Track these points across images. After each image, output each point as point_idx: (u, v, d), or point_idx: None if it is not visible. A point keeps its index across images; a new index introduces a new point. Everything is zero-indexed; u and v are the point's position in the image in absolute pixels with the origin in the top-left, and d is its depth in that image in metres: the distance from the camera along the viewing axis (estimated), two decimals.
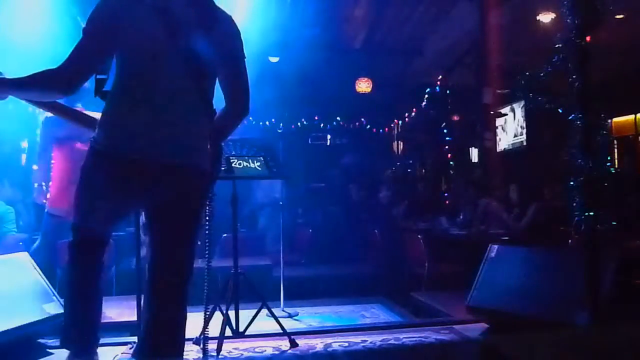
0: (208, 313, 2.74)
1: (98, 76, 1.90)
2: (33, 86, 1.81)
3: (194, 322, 3.14)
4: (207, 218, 2.72)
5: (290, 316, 4.04)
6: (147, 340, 1.83)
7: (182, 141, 1.83)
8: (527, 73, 3.30)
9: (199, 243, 2.06)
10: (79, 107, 3.94)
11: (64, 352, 2.97)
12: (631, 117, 8.61)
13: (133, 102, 1.81)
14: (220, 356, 2.81)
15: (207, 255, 2.73)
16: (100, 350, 2.95)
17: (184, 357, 2.79)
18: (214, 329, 2.99)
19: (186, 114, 1.85)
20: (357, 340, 3.02)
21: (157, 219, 1.88)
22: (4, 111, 6.06)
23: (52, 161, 3.96)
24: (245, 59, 2.00)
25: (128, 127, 1.79)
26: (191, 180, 1.85)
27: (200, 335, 3.05)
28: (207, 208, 2.48)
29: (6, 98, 1.89)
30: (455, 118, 8.93)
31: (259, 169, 3.29)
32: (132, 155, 1.77)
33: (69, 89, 1.80)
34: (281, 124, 9.00)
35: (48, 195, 3.99)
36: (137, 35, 1.80)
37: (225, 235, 5.22)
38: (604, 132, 3.19)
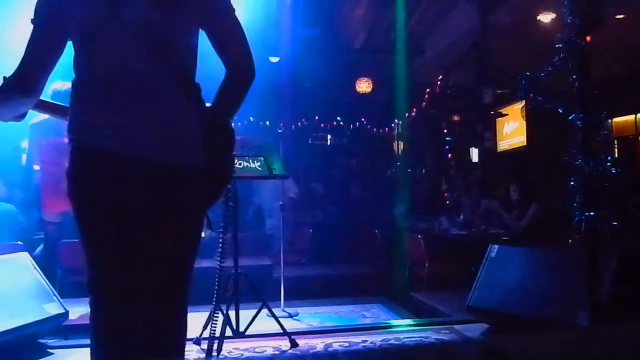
0: (215, 315, 2.73)
1: None
2: None
3: (194, 322, 3.15)
4: (223, 219, 2.63)
5: (290, 316, 4.04)
6: (145, 343, 1.77)
7: (150, 132, 1.54)
8: (528, 73, 3.30)
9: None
10: None
11: (64, 352, 2.98)
12: (631, 117, 8.61)
13: (91, 92, 1.58)
14: (220, 356, 2.80)
15: (218, 258, 2.71)
16: None
17: (184, 357, 2.80)
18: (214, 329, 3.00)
19: (155, 100, 1.57)
20: (357, 340, 3.02)
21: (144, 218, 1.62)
22: None
23: (39, 166, 3.93)
24: (235, 12, 1.69)
25: (90, 121, 1.55)
26: (169, 179, 1.56)
27: (200, 335, 3.05)
28: (225, 208, 2.28)
29: (19, 117, 1.74)
30: (455, 118, 8.93)
31: (259, 169, 3.29)
32: (101, 151, 1.54)
33: (29, 91, 1.61)
34: (281, 124, 8.99)
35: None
36: (87, 18, 1.58)
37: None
38: (604, 132, 3.19)
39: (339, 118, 9.55)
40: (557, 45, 3.13)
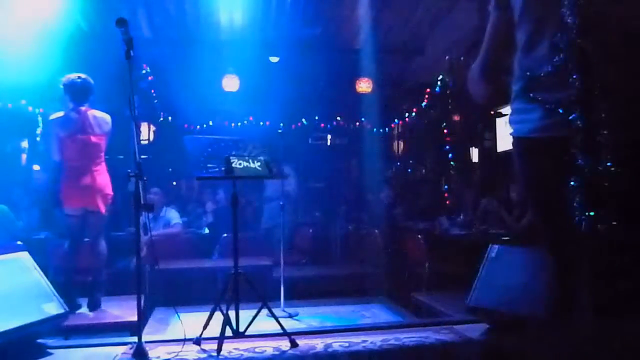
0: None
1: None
2: None
3: (193, 322, 3.15)
4: None
5: (290, 316, 4.04)
6: None
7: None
8: (527, 73, 3.30)
9: None
10: (85, 107, 3.94)
11: (64, 352, 2.98)
12: None
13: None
14: (220, 356, 2.80)
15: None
16: (100, 350, 2.97)
17: (183, 357, 2.80)
18: (214, 329, 3.00)
19: None
20: (357, 340, 3.02)
21: None
22: (4, 111, 6.08)
23: (62, 160, 3.94)
24: None
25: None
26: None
27: (200, 335, 3.05)
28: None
29: None
30: (456, 118, 8.93)
31: (259, 169, 3.30)
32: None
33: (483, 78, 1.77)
34: (281, 124, 8.99)
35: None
36: None
37: (225, 235, 5.22)
38: (604, 132, 3.19)
39: (339, 118, 9.56)
40: (557, 45, 3.12)
